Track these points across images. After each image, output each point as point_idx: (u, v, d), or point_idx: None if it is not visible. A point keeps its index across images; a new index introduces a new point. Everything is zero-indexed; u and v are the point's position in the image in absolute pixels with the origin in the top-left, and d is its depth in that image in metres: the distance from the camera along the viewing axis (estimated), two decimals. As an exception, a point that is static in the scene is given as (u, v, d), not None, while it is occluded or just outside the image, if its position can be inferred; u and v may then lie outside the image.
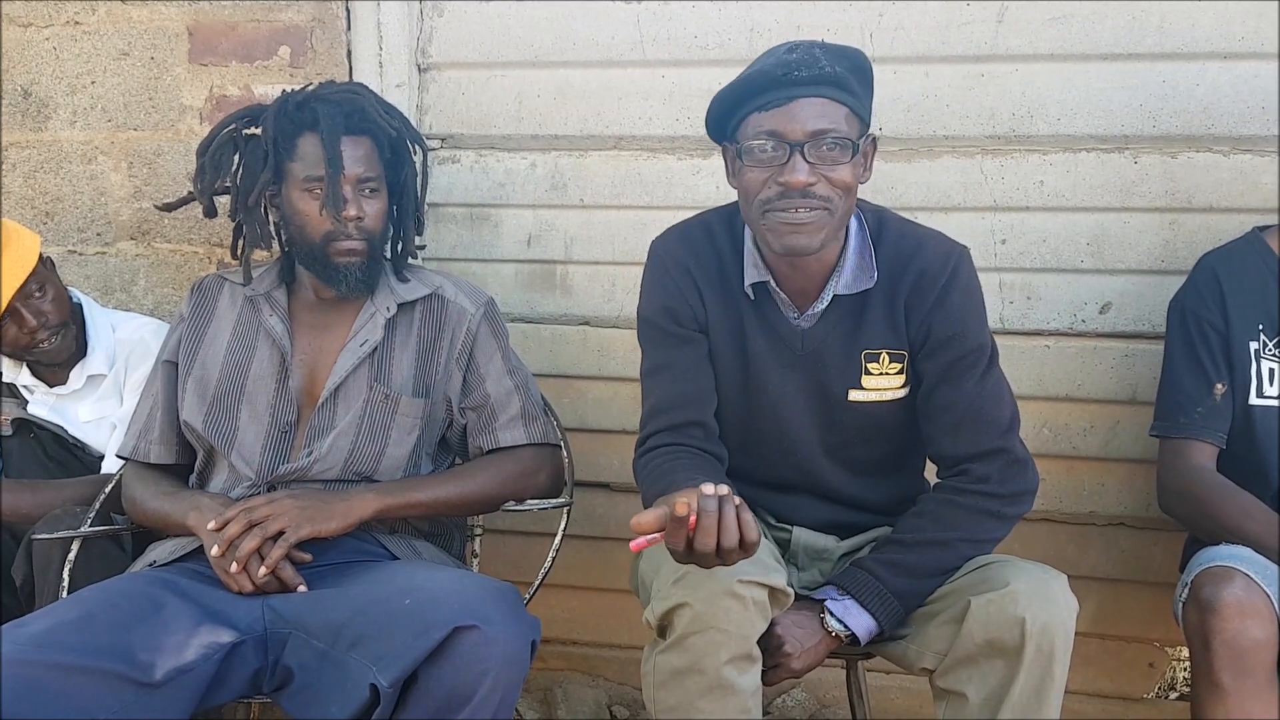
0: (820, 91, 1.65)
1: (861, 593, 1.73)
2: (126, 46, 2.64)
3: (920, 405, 1.84)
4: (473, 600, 1.62)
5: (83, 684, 1.56)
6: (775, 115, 1.65)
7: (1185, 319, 2.05)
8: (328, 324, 2.05)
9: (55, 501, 2.12)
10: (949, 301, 1.78)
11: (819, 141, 1.65)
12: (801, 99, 1.64)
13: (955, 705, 1.68)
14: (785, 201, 1.67)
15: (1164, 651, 2.50)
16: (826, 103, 1.65)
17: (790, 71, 1.64)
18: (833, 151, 1.66)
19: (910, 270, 1.80)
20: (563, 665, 2.76)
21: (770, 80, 1.65)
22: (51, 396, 2.35)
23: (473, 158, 2.57)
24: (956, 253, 1.82)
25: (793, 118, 1.64)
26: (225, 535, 1.79)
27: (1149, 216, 2.29)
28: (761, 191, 1.69)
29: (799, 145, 1.64)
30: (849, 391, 1.84)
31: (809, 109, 1.64)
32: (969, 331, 1.79)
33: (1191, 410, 2.02)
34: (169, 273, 2.72)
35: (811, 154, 1.65)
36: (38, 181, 2.74)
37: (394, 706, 1.59)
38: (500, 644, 1.56)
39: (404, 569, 1.83)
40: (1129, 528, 2.42)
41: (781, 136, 1.65)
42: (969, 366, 1.78)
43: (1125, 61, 2.25)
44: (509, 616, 1.60)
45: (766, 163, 1.67)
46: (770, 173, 1.67)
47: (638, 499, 2.56)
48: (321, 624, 1.71)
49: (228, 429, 1.99)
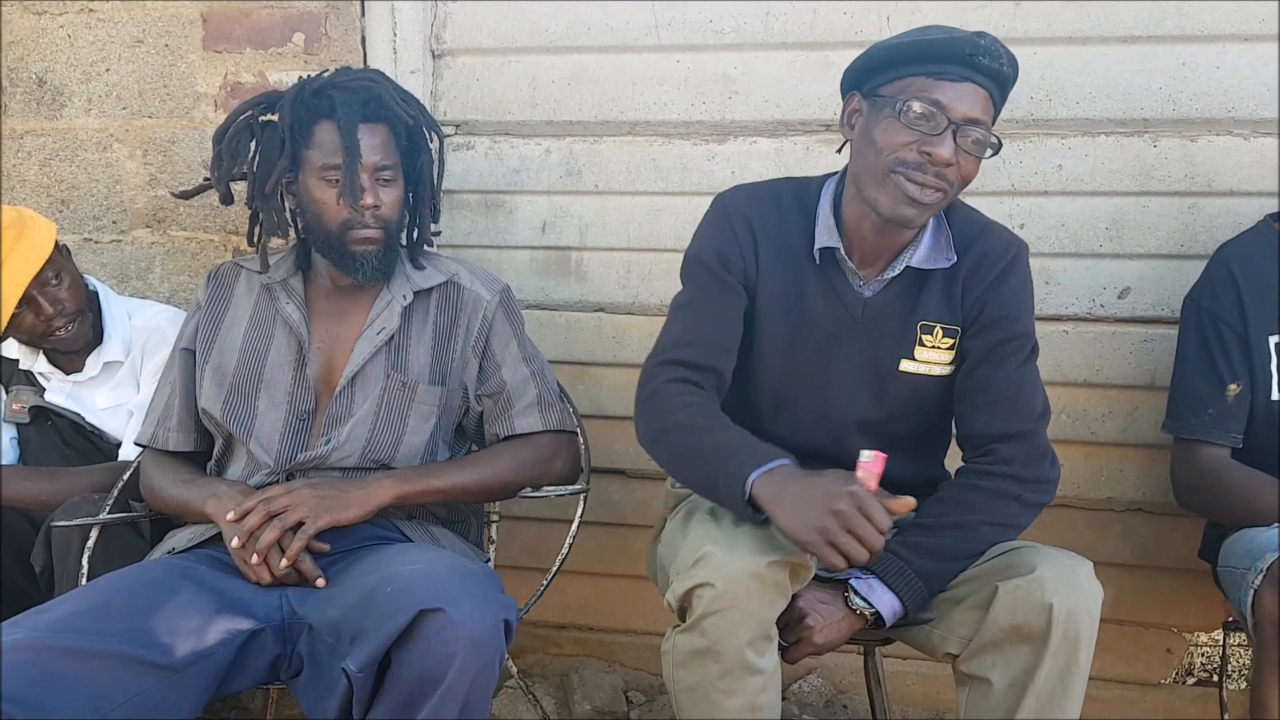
0: (989, 84, 1.69)
1: (886, 572, 1.72)
2: (141, 34, 2.63)
3: (959, 384, 1.86)
4: (440, 583, 1.61)
5: (102, 668, 1.56)
6: (946, 88, 1.67)
7: (1200, 318, 2.04)
8: (344, 311, 2.05)
9: (74, 489, 2.13)
10: (1006, 285, 1.82)
11: (971, 129, 1.68)
12: (973, 83, 1.68)
13: (979, 691, 1.67)
14: (918, 173, 1.69)
15: (1182, 637, 2.50)
16: (988, 97, 1.70)
17: (976, 55, 1.66)
18: (977, 144, 1.70)
19: (973, 251, 1.83)
20: (578, 651, 2.77)
21: (953, 54, 1.67)
22: (68, 384, 2.35)
23: (487, 144, 2.56)
24: (1018, 244, 1.86)
25: (961, 98, 1.67)
26: (245, 527, 1.79)
27: (1168, 200, 2.28)
28: (901, 152, 1.70)
29: (956, 125, 1.67)
30: (901, 361, 1.85)
31: (976, 96, 1.68)
32: (1020, 317, 1.82)
33: (1202, 412, 2.02)
34: (184, 260, 2.72)
35: (961, 138, 1.68)
36: (53, 169, 2.74)
37: (372, 691, 1.59)
38: (466, 626, 1.54)
39: (396, 555, 1.80)
40: (1147, 513, 2.41)
41: (944, 110, 1.67)
42: (1013, 350, 1.81)
43: (1144, 44, 2.23)
44: (476, 598, 1.59)
45: (919, 127, 1.68)
46: (917, 139, 1.68)
47: (653, 485, 2.59)
48: (326, 622, 1.71)
49: (246, 416, 1.99)
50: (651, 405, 1.82)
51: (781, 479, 1.61)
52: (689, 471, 1.75)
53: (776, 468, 1.63)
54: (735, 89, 2.42)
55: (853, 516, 1.52)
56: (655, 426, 1.81)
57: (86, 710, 1.53)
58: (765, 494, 1.59)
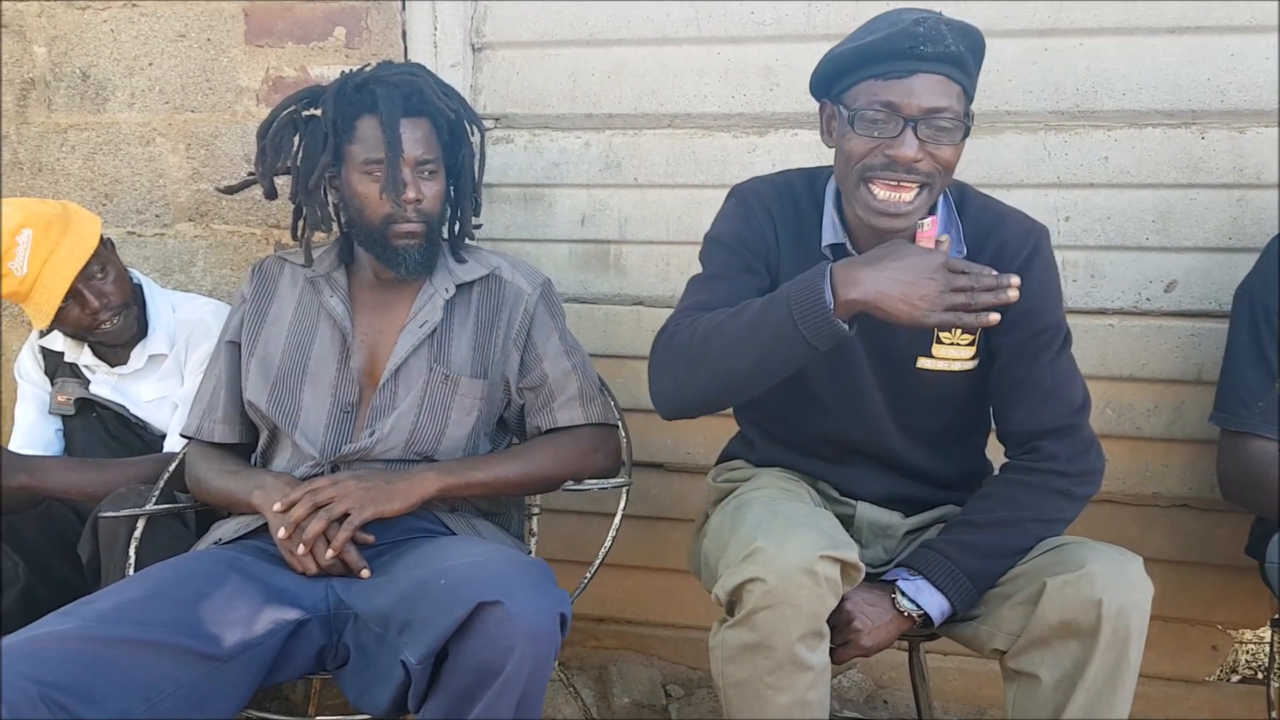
0: (941, 69, 1.64)
1: (933, 573, 1.72)
2: (183, 28, 2.65)
3: (994, 381, 1.83)
4: (497, 576, 1.61)
5: (150, 658, 1.57)
6: (894, 86, 1.64)
7: (1253, 309, 2.01)
8: (387, 304, 2.06)
9: (120, 480, 2.14)
10: (1029, 276, 1.75)
11: (933, 119, 1.64)
12: (922, 74, 1.63)
13: (1027, 687, 1.66)
14: (888, 173, 1.66)
15: (1227, 634, 2.47)
16: (945, 80, 1.64)
17: (916, 45, 1.62)
18: (944, 131, 1.65)
19: (991, 243, 1.79)
20: (617, 644, 2.77)
21: (894, 50, 1.63)
22: (113, 376, 2.37)
23: (526, 137, 2.56)
24: (1037, 230, 1.82)
25: (911, 92, 1.63)
26: (291, 518, 1.81)
27: (1216, 193, 2.25)
28: (866, 158, 1.68)
29: (913, 121, 1.63)
30: (917, 359, 1.83)
31: (928, 85, 1.63)
32: (1048, 308, 1.78)
33: (1253, 404, 2.00)
34: (227, 254, 2.74)
35: (923, 131, 1.64)
36: (97, 163, 2.77)
37: (428, 683, 1.60)
38: (525, 619, 1.55)
39: (447, 547, 1.82)
40: (1193, 509, 2.39)
41: (897, 109, 1.64)
42: (1046, 343, 1.78)
43: (1192, 35, 2.20)
44: (533, 591, 1.59)
45: (878, 131, 1.66)
46: (879, 143, 1.66)
47: (692, 479, 2.59)
48: (374, 611, 1.72)
49: (291, 408, 2.01)
50: (673, 340, 1.75)
51: (863, 265, 1.60)
52: (748, 342, 1.64)
53: (844, 261, 1.62)
54: (776, 81, 2.40)
55: (952, 279, 1.56)
56: (687, 348, 1.72)
57: (136, 700, 1.54)
58: (860, 283, 1.57)
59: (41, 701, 1.46)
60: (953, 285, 1.56)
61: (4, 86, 2.77)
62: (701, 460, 2.56)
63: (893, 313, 1.56)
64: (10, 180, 2.82)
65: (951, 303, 1.56)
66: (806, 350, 1.60)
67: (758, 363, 1.65)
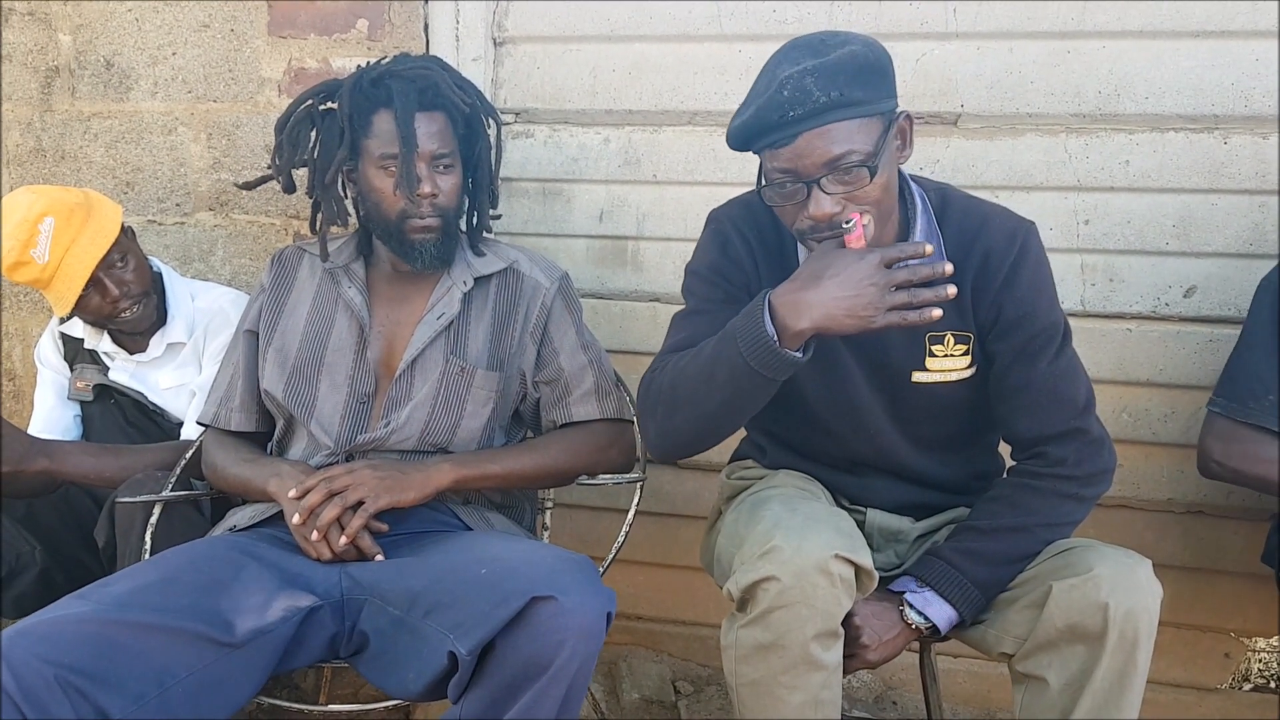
0: (822, 121, 1.56)
1: (941, 583, 1.71)
2: (207, 18, 2.66)
3: (994, 387, 1.81)
4: (550, 571, 1.62)
5: (165, 643, 1.59)
6: (784, 154, 1.59)
7: (1276, 302, 1.99)
8: (405, 296, 2.07)
9: (137, 466, 2.16)
10: (1018, 281, 1.73)
11: (834, 169, 1.58)
12: (806, 133, 1.57)
13: (1035, 690, 1.65)
14: (818, 234, 1.63)
15: (1240, 642, 2.46)
16: (831, 128, 1.57)
17: (785, 113, 1.56)
18: (851, 175, 1.59)
19: (976, 250, 1.75)
20: (627, 640, 2.77)
21: (768, 123, 1.59)
22: (132, 363, 2.39)
23: (546, 132, 2.57)
24: (1023, 229, 1.76)
25: (800, 155, 1.58)
26: (306, 504, 1.82)
27: (1238, 199, 2.23)
28: (796, 223, 1.65)
29: (814, 179, 1.59)
30: (912, 373, 1.80)
31: (816, 141, 1.57)
32: (1040, 310, 1.74)
33: (1263, 397, 1.96)
34: (246, 243, 2.76)
35: (831, 184, 1.59)
36: (119, 152, 2.78)
37: (470, 674, 1.60)
38: (577, 615, 1.56)
39: (479, 539, 1.85)
40: (1207, 516, 2.37)
41: (796, 174, 1.60)
42: (1042, 346, 1.74)
43: (1217, 39, 2.19)
44: (585, 588, 1.60)
45: (789, 197, 1.63)
46: (797, 207, 1.63)
47: (705, 476, 2.59)
48: (398, 591, 1.73)
49: (308, 398, 2.02)
50: (651, 387, 1.77)
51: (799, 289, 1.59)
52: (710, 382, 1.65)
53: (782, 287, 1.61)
54: (797, 80, 2.40)
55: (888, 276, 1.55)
56: (661, 394, 1.73)
57: (150, 684, 1.56)
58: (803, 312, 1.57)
59: (57, 683, 1.48)
60: (892, 282, 1.56)
61: (29, 74, 2.79)
62: (715, 458, 2.52)
63: (841, 330, 1.57)
64: (33, 167, 2.84)
65: (894, 302, 1.56)
66: (765, 382, 1.60)
67: (726, 401, 1.65)
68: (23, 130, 2.83)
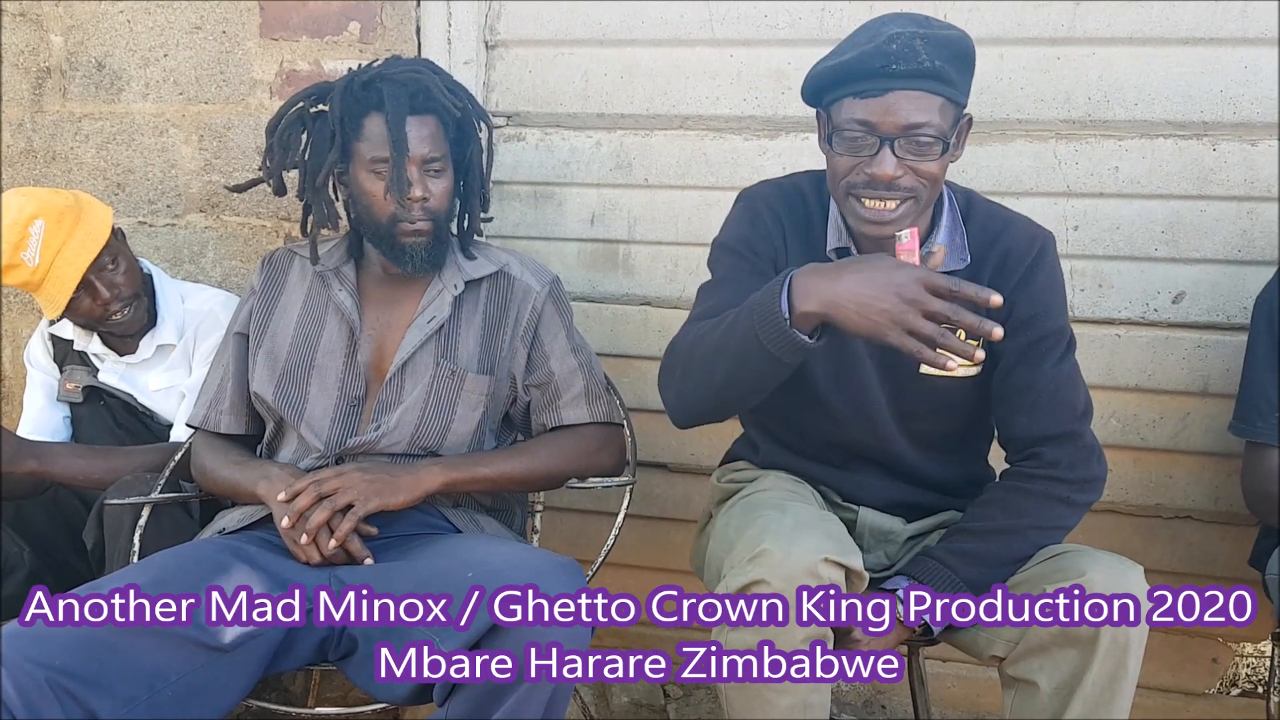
0: (917, 85, 1.61)
1: (934, 583, 1.72)
2: (199, 20, 2.66)
3: (996, 386, 1.83)
4: (536, 574, 1.62)
5: (154, 646, 1.58)
6: (869, 105, 1.62)
7: (1274, 319, 1.99)
8: (396, 299, 2.07)
9: (126, 468, 2.15)
10: (1034, 282, 1.77)
11: (911, 136, 1.62)
12: (897, 91, 1.61)
13: (1025, 694, 1.66)
14: (869, 190, 1.66)
15: (1228, 647, 2.47)
16: (922, 95, 1.61)
17: (889, 64, 1.60)
18: (923, 146, 1.63)
19: (995, 250, 1.79)
20: (617, 643, 2.77)
21: (867, 69, 1.61)
22: (121, 365, 2.38)
23: (538, 136, 2.57)
24: (1042, 236, 1.81)
25: (887, 110, 1.61)
26: (295, 507, 1.81)
27: (1227, 205, 2.24)
28: (848, 175, 1.68)
29: (890, 139, 1.62)
30: (921, 364, 1.81)
31: (904, 102, 1.61)
32: (1051, 313, 1.78)
33: (1270, 415, 1.98)
34: (237, 245, 2.75)
35: (901, 148, 1.63)
36: (110, 153, 2.78)
37: None
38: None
39: (466, 543, 1.85)
40: (1196, 521, 2.38)
41: (873, 127, 1.63)
42: (1049, 348, 1.77)
43: (1206, 46, 2.20)
44: (571, 590, 1.60)
45: (856, 149, 1.66)
46: (858, 161, 1.66)
47: (695, 479, 2.59)
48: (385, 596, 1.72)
49: (297, 401, 2.01)
50: (674, 350, 1.75)
51: (821, 274, 1.52)
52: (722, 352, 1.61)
53: (807, 267, 1.55)
54: (788, 84, 2.40)
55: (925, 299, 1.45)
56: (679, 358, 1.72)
57: (140, 687, 1.56)
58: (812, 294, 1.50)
59: (48, 686, 1.47)
60: (926, 308, 1.46)
61: (20, 75, 2.79)
62: (705, 461, 2.56)
63: (847, 324, 1.49)
64: (24, 168, 2.83)
65: (917, 328, 1.46)
66: (772, 362, 1.55)
67: (733, 373, 1.62)
68: (13, 131, 2.82)
